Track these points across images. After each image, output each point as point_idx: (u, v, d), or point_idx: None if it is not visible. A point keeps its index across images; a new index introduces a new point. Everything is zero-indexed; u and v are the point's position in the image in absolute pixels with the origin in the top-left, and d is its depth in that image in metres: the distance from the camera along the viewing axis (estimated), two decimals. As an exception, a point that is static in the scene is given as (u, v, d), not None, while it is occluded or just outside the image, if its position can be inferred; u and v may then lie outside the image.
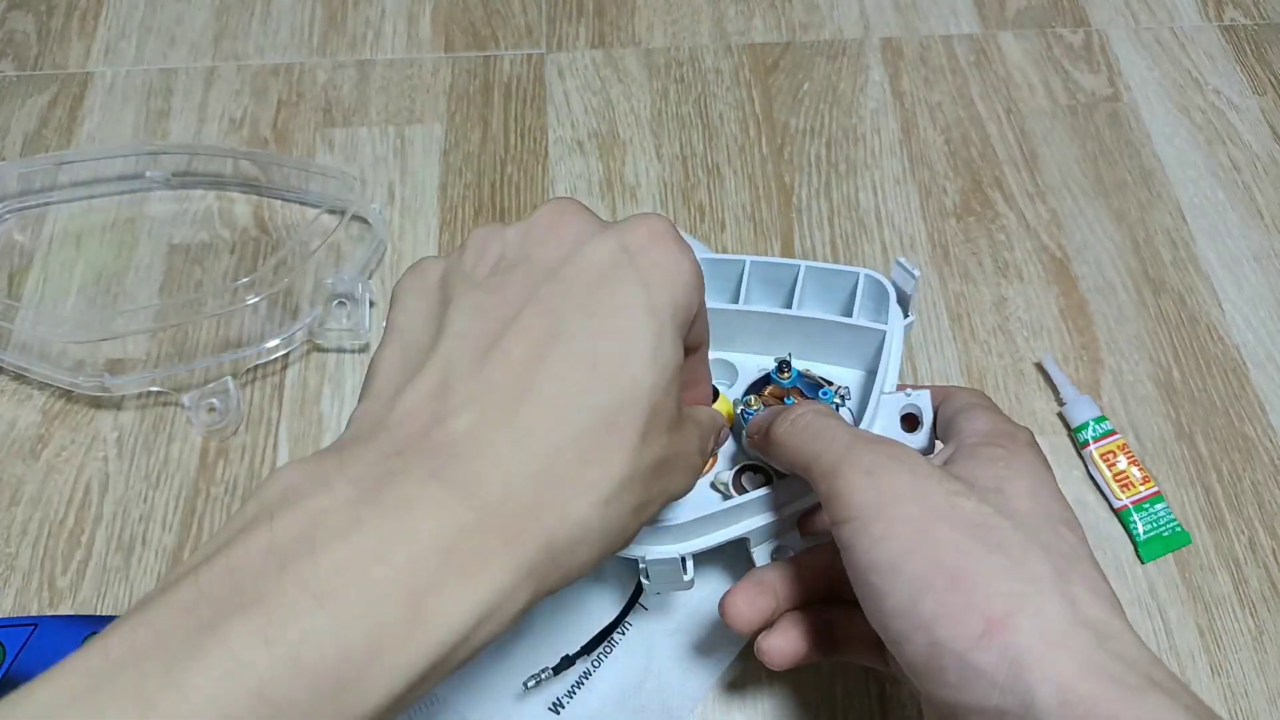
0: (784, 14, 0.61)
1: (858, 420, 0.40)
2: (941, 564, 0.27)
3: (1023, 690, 0.25)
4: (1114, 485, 0.45)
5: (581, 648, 0.39)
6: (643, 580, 0.36)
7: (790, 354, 0.41)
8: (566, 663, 0.39)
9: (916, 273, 0.39)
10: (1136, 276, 0.52)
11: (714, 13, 0.61)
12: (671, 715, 0.39)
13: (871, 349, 0.40)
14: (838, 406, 0.39)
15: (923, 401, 0.37)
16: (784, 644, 0.34)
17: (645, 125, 0.56)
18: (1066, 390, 0.47)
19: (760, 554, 0.37)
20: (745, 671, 0.41)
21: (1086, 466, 0.46)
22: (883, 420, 0.37)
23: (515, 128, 0.56)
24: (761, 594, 0.35)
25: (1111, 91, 0.58)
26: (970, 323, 0.50)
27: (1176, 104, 0.58)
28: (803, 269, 0.40)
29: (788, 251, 0.52)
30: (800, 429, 0.33)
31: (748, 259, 0.41)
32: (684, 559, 0.36)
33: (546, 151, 0.55)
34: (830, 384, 0.40)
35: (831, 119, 0.57)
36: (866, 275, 0.40)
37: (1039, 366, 0.49)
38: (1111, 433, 0.45)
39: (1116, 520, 0.45)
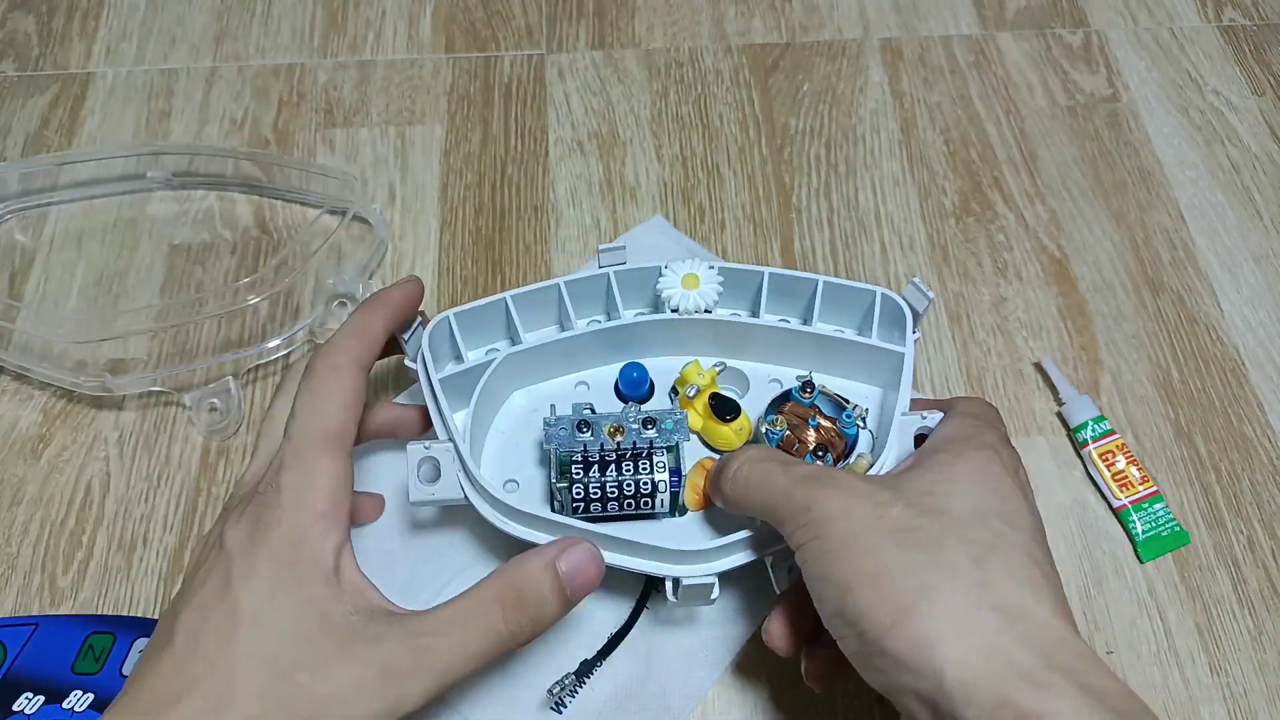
0: (784, 15, 0.61)
1: (876, 439, 0.40)
2: (861, 567, 0.30)
3: (932, 672, 0.27)
4: (1113, 485, 0.45)
5: (599, 651, 0.39)
6: (670, 598, 0.37)
7: (811, 372, 0.41)
8: (587, 666, 0.39)
9: (931, 295, 0.40)
10: (1135, 277, 0.52)
11: (714, 13, 0.61)
12: (673, 714, 0.39)
13: (885, 366, 0.41)
14: (858, 429, 0.40)
15: (935, 423, 0.38)
16: (823, 670, 0.36)
17: (645, 126, 0.56)
18: (1065, 390, 0.47)
19: (779, 572, 0.38)
20: (745, 671, 0.41)
21: (1085, 466, 0.46)
22: (898, 439, 0.38)
23: (516, 128, 0.56)
24: (799, 619, 0.36)
25: (1110, 92, 0.58)
26: (969, 323, 0.50)
27: (1176, 105, 0.58)
28: (820, 284, 0.41)
29: (787, 252, 0.52)
30: (741, 484, 0.34)
31: (766, 270, 0.41)
32: (715, 579, 0.36)
33: (547, 152, 0.55)
34: (849, 403, 0.40)
35: (831, 120, 0.57)
36: (884, 295, 0.41)
37: (1038, 366, 0.49)
38: (1110, 433, 0.46)
39: (1115, 520, 0.45)
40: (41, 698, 0.38)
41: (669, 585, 0.36)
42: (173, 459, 0.46)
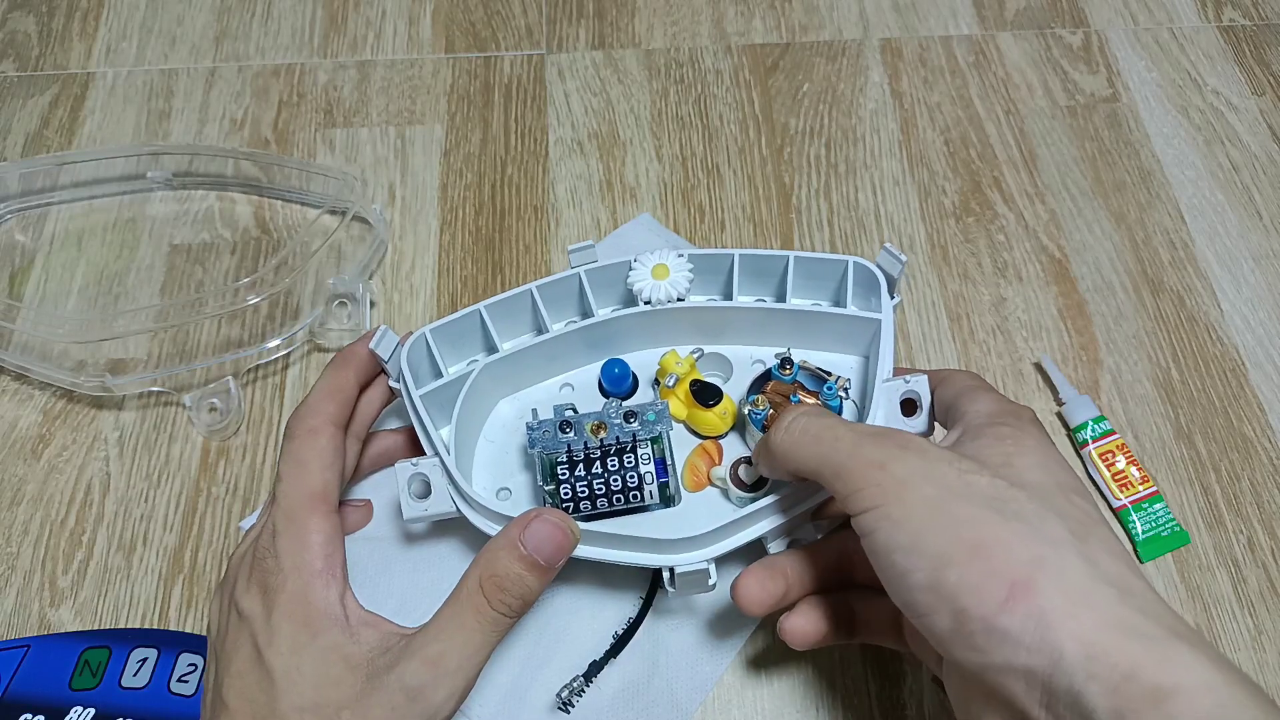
0: (784, 15, 0.61)
1: (861, 409, 0.40)
2: (961, 537, 0.28)
3: (1050, 648, 0.26)
4: (1113, 485, 0.45)
5: (607, 651, 0.39)
6: (668, 588, 0.36)
7: (789, 349, 0.41)
8: (596, 668, 0.39)
9: (903, 258, 0.39)
10: (1135, 277, 0.52)
11: (714, 13, 0.61)
12: (680, 709, 0.39)
13: (864, 335, 0.41)
14: (841, 399, 0.39)
15: (920, 387, 0.37)
16: (805, 625, 0.35)
17: (645, 126, 0.56)
18: (1065, 390, 0.47)
19: (776, 549, 0.38)
20: (745, 669, 0.41)
21: (1085, 466, 0.46)
22: (883, 407, 0.38)
23: (516, 128, 0.56)
24: (772, 577, 0.35)
25: (1110, 92, 0.58)
26: (969, 323, 0.50)
27: (1175, 105, 0.58)
28: (791, 259, 0.41)
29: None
30: (798, 435, 0.33)
31: (736, 252, 0.41)
32: (710, 565, 0.36)
33: (547, 152, 0.55)
34: (830, 375, 0.40)
35: (831, 120, 0.57)
36: (856, 263, 0.40)
37: (1038, 366, 0.49)
38: (1110, 433, 0.46)
39: (1116, 520, 0.45)
40: (41, 717, 0.39)
41: (666, 575, 0.36)
42: (173, 459, 0.46)
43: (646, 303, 0.41)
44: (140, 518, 0.44)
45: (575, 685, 0.38)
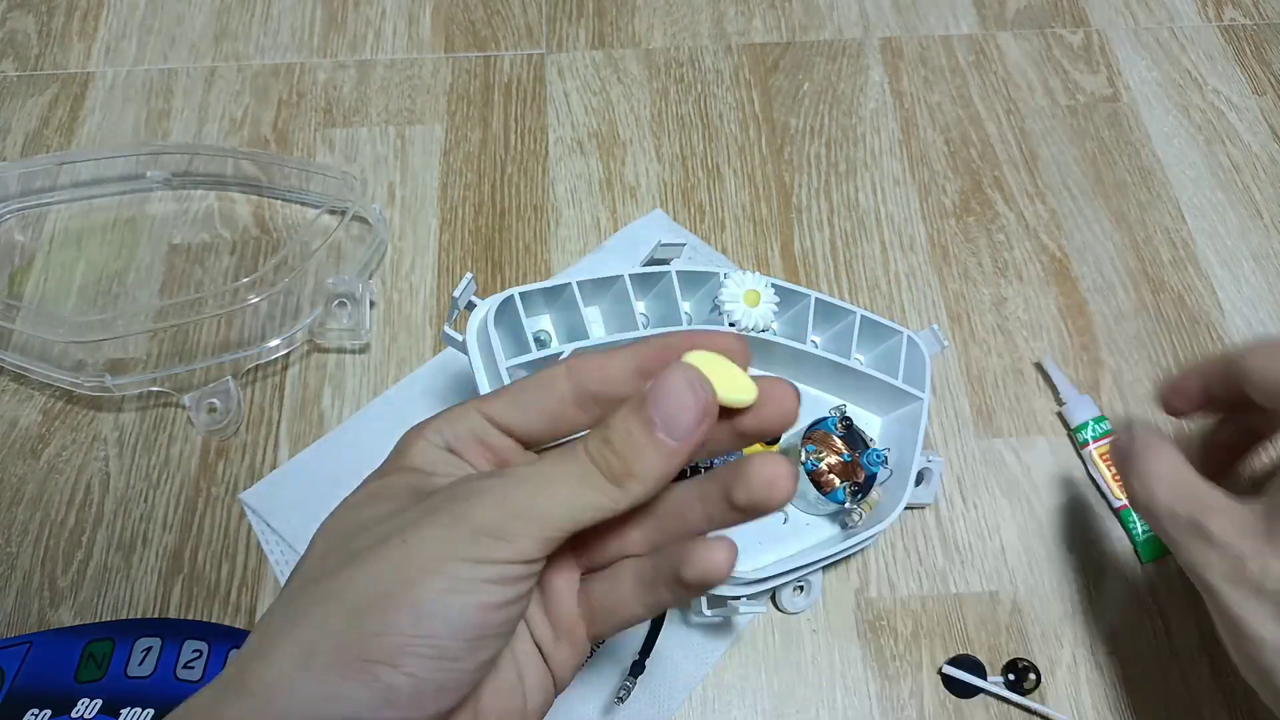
0: (784, 14, 0.61)
1: (893, 476, 0.42)
2: None
3: None
4: (1113, 485, 0.45)
5: (643, 647, 0.40)
6: (707, 612, 0.38)
7: (845, 405, 0.42)
8: (639, 666, 0.39)
9: (946, 342, 0.43)
10: (1136, 276, 0.52)
11: (714, 13, 0.61)
12: (663, 707, 0.39)
13: (893, 400, 0.43)
14: (882, 464, 0.41)
15: (936, 466, 0.43)
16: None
17: (645, 125, 0.56)
18: (1066, 390, 0.47)
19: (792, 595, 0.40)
20: (746, 669, 0.41)
21: (1086, 466, 0.46)
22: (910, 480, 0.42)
23: (515, 128, 0.56)
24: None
25: (1111, 92, 0.58)
26: (970, 322, 0.50)
27: (1176, 104, 0.58)
28: (858, 317, 0.43)
29: (787, 252, 0.52)
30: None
31: (813, 295, 0.42)
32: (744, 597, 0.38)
33: (547, 151, 0.55)
34: (873, 443, 0.42)
35: (831, 119, 0.57)
36: (910, 339, 0.43)
37: (1038, 366, 0.49)
38: (1111, 433, 0.46)
39: (1116, 520, 0.45)
40: (48, 710, 0.39)
41: (703, 601, 0.38)
42: (172, 459, 0.46)
43: (732, 324, 0.41)
44: (140, 518, 0.44)
45: (629, 684, 0.39)
